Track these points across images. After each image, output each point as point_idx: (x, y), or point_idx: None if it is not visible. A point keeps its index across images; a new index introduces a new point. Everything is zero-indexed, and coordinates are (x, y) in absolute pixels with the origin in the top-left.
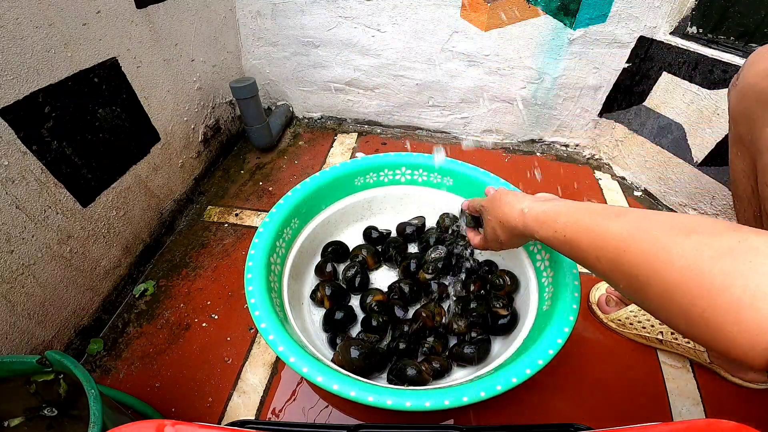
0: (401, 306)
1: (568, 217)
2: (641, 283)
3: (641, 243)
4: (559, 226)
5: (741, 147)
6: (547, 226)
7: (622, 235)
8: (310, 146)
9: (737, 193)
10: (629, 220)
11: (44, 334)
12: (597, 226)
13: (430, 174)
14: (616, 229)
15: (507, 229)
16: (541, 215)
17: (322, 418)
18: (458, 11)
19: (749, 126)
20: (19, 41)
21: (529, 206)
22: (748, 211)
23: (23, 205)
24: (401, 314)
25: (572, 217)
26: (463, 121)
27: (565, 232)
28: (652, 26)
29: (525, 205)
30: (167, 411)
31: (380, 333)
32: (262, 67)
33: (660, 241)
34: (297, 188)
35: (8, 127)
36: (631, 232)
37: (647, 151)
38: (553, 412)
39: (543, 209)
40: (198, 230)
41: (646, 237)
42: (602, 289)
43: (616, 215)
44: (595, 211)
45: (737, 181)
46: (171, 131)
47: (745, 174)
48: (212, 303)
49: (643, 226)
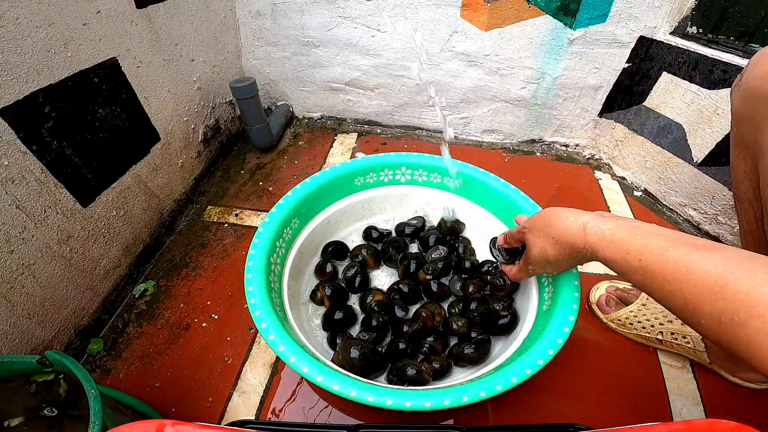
0: (401, 306)
1: (646, 241)
2: (735, 323)
3: (743, 283)
4: (634, 249)
5: (743, 148)
6: (617, 247)
7: (720, 271)
8: (310, 146)
9: (738, 194)
10: (724, 257)
11: (44, 334)
12: (686, 256)
13: (430, 174)
14: (710, 266)
15: (562, 247)
16: (609, 233)
17: (322, 418)
18: (458, 11)
19: (752, 128)
20: (19, 41)
21: (593, 222)
22: (749, 213)
23: (23, 205)
24: (401, 314)
25: (651, 242)
26: (463, 121)
27: (641, 257)
28: (652, 26)
29: (586, 220)
30: (167, 411)
31: (380, 333)
32: (262, 67)
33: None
34: (297, 188)
35: (8, 127)
36: (731, 269)
37: (647, 151)
38: (553, 412)
39: (610, 227)
40: (198, 230)
41: (749, 277)
42: (602, 289)
43: (708, 249)
44: (678, 240)
45: (738, 182)
46: (171, 131)
47: (746, 175)
48: (212, 303)
49: (744, 266)
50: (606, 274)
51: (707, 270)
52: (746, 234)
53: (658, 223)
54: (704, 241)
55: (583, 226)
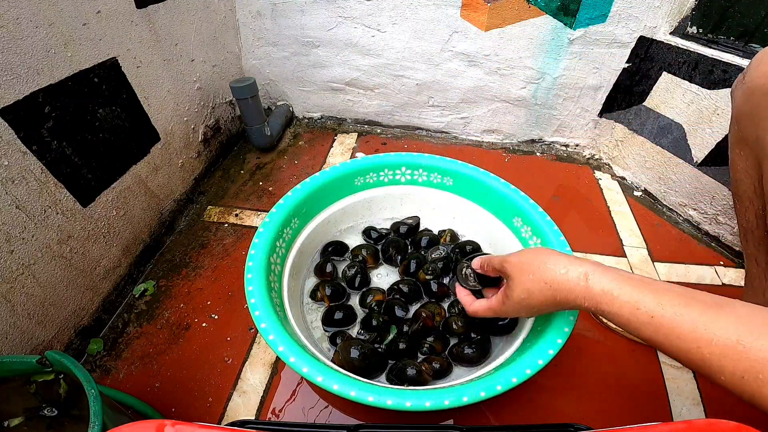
0: (401, 306)
1: (657, 298)
2: (760, 381)
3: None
4: (645, 306)
5: (744, 147)
6: (624, 302)
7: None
8: (310, 146)
9: (738, 192)
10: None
11: (44, 334)
12: (701, 316)
13: (430, 174)
14: (728, 327)
15: (554, 293)
16: (615, 288)
17: (322, 418)
18: (458, 11)
19: (754, 125)
20: (19, 41)
21: (596, 273)
22: (749, 211)
23: (23, 205)
24: (401, 314)
25: (662, 299)
26: (463, 121)
27: (654, 314)
28: (652, 26)
29: (588, 270)
30: (167, 411)
31: (380, 332)
32: (262, 67)
33: None
34: (297, 188)
35: (8, 127)
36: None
37: (647, 151)
38: (553, 412)
39: (615, 279)
40: (198, 230)
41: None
42: None
43: (719, 308)
44: (687, 296)
45: (738, 180)
46: (171, 131)
47: (746, 173)
48: (212, 303)
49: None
50: None
51: (727, 331)
52: (746, 233)
53: (658, 223)
54: (711, 297)
55: (585, 276)
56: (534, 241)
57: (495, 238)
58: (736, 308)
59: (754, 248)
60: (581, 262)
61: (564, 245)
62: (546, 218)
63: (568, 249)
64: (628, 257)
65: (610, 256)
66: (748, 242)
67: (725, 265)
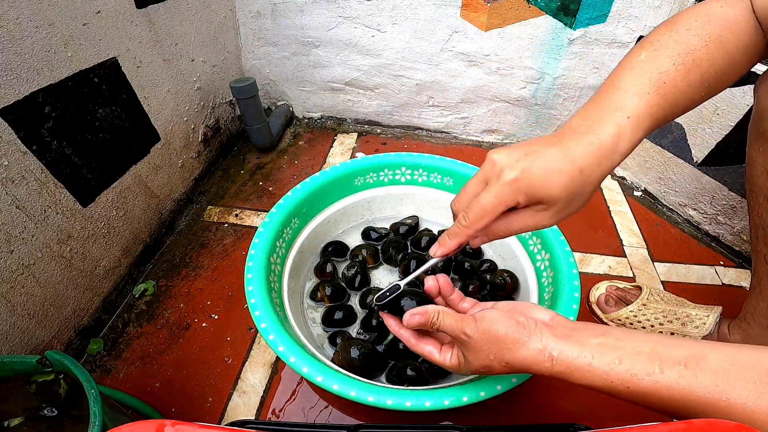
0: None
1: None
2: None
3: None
4: (617, 378)
5: (765, 143)
6: (595, 376)
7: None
8: (310, 146)
9: (753, 189)
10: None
11: (44, 334)
12: (680, 378)
13: (430, 174)
14: (709, 384)
15: (513, 371)
16: (583, 362)
17: (322, 418)
18: (458, 11)
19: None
20: (19, 41)
21: (560, 350)
22: (763, 207)
23: (23, 205)
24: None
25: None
26: (463, 121)
27: (629, 384)
28: (652, 26)
29: (552, 349)
30: (167, 411)
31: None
32: (262, 67)
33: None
34: (297, 188)
35: (8, 127)
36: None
37: (647, 151)
38: (553, 412)
39: (583, 353)
40: (198, 230)
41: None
42: (602, 288)
43: (695, 363)
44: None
45: (756, 177)
46: (171, 131)
47: (764, 170)
48: (212, 303)
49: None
50: (606, 274)
51: (708, 389)
52: (757, 230)
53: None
54: (687, 350)
55: (550, 358)
56: (534, 241)
57: None
58: (713, 361)
59: (764, 246)
60: (544, 339)
61: (564, 245)
62: None
63: (568, 249)
64: (628, 257)
65: (610, 256)
66: (759, 239)
67: (725, 265)
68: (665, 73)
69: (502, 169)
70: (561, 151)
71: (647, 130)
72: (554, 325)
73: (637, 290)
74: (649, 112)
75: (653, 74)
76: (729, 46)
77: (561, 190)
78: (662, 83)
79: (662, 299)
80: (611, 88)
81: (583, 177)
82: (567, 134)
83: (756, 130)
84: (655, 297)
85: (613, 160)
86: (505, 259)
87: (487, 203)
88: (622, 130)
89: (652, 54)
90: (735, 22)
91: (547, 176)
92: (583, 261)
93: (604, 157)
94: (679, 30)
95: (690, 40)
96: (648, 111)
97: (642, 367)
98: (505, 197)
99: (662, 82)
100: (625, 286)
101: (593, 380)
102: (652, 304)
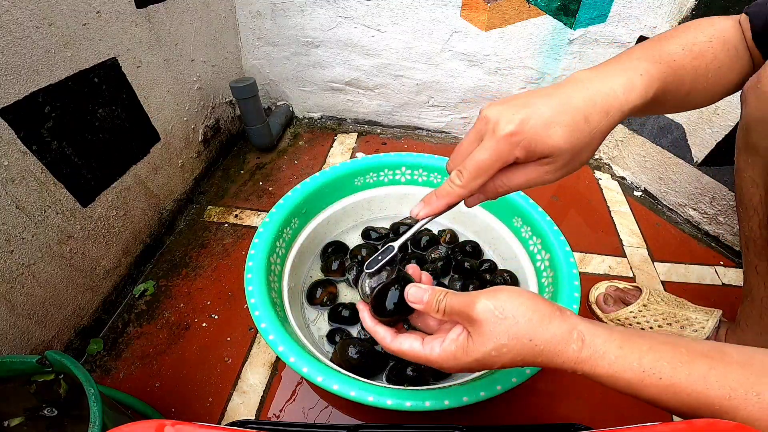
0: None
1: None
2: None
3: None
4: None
5: (753, 155)
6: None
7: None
8: (310, 146)
9: (743, 201)
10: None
11: (44, 334)
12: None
13: (430, 174)
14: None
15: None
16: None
17: (322, 418)
18: (458, 11)
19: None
20: (19, 41)
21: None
22: (753, 220)
23: (23, 205)
24: None
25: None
26: (463, 121)
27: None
28: (652, 26)
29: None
30: (167, 411)
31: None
32: (262, 67)
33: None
34: (297, 188)
35: (8, 127)
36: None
37: (647, 151)
38: (553, 412)
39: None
40: (198, 230)
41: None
42: (602, 288)
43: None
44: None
45: (744, 188)
46: (171, 131)
47: (753, 182)
48: (212, 303)
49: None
50: (606, 274)
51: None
52: (747, 241)
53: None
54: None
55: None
56: (534, 241)
57: (494, 238)
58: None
59: (755, 257)
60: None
61: (564, 245)
62: (546, 218)
63: (568, 249)
64: (628, 257)
65: (610, 256)
66: (749, 250)
67: (725, 265)
68: (675, 53)
69: (497, 123)
70: (562, 100)
71: (657, 90)
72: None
73: (637, 291)
74: (658, 77)
75: (663, 52)
76: (730, 47)
77: (564, 141)
78: (672, 60)
79: (663, 300)
80: (622, 56)
81: (590, 126)
82: (569, 84)
83: (743, 140)
84: (655, 298)
85: (623, 111)
86: (505, 259)
87: (483, 160)
88: (633, 83)
89: (663, 41)
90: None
91: (547, 127)
92: (583, 261)
93: (612, 106)
94: (687, 29)
95: (698, 35)
96: (658, 76)
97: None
98: (503, 153)
99: (672, 59)
100: (625, 286)
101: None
102: (652, 305)
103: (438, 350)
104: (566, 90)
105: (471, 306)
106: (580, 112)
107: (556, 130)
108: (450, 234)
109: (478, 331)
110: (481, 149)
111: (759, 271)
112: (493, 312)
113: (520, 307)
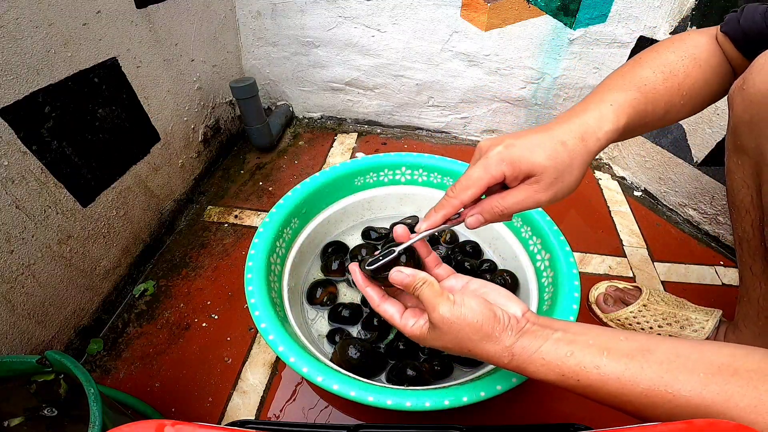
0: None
1: (580, 358)
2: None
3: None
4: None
5: (742, 156)
6: (549, 369)
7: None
8: (310, 146)
9: (734, 202)
10: (660, 362)
11: (44, 334)
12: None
13: (430, 174)
14: (653, 376)
15: (470, 356)
16: (537, 357)
17: (322, 418)
18: (458, 11)
19: (755, 135)
20: (19, 41)
21: (519, 346)
22: (745, 221)
23: (23, 205)
24: None
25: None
26: (463, 121)
27: (579, 377)
28: (652, 26)
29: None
30: (167, 411)
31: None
32: (262, 67)
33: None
34: (297, 188)
35: (8, 127)
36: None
37: (647, 151)
38: (553, 412)
39: (538, 346)
40: (198, 230)
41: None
42: (602, 288)
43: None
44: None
45: (735, 189)
46: (171, 131)
47: (744, 183)
48: (212, 303)
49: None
50: (606, 274)
51: (652, 381)
52: (741, 241)
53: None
54: (635, 344)
55: (510, 354)
56: (534, 241)
57: (494, 238)
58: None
59: (749, 257)
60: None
61: (564, 245)
62: (546, 218)
63: (568, 249)
64: (628, 257)
65: (610, 256)
66: (743, 251)
67: (725, 265)
68: (645, 78)
69: (488, 148)
70: (545, 133)
71: (630, 116)
72: (524, 321)
73: (637, 291)
74: (630, 104)
75: (635, 78)
76: (701, 62)
77: (544, 159)
78: (643, 85)
79: (663, 300)
80: (597, 89)
81: (567, 149)
82: (552, 123)
83: (732, 142)
84: (655, 298)
85: (597, 137)
86: (505, 259)
87: (473, 173)
88: (604, 114)
89: (636, 66)
90: (706, 45)
91: (531, 148)
92: (583, 261)
93: (587, 133)
94: (659, 50)
95: (668, 56)
96: (629, 102)
97: (591, 359)
98: (491, 168)
99: (643, 84)
100: (625, 286)
101: (547, 374)
102: (652, 306)
103: (409, 327)
104: (549, 126)
105: (434, 309)
106: (558, 138)
107: (539, 152)
108: (450, 234)
109: (434, 329)
110: (472, 166)
111: (754, 271)
112: (449, 322)
113: (466, 328)
